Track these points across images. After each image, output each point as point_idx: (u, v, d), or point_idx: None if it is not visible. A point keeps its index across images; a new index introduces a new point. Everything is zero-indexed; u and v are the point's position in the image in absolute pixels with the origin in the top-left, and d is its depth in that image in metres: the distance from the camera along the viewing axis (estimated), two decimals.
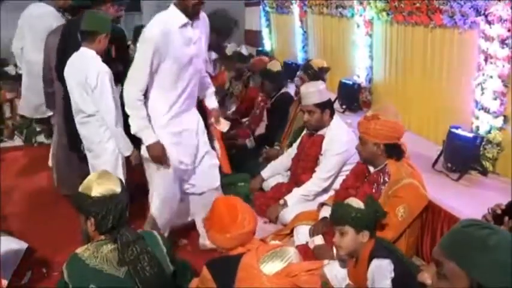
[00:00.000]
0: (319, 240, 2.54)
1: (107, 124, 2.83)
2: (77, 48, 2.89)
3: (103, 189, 1.78)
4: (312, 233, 2.60)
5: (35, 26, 4.38)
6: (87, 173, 2.27)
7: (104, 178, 1.83)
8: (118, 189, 1.81)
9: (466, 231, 1.10)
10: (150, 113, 2.57)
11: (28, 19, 4.61)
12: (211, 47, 3.38)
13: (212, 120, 2.91)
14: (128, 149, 2.83)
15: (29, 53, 4.57)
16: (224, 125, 2.94)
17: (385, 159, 2.39)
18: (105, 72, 2.77)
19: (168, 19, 2.48)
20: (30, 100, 4.73)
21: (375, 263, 1.93)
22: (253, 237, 1.88)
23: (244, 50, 7.22)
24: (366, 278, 1.97)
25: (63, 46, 3.25)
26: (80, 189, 1.82)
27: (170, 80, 2.53)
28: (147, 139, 2.53)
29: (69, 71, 2.93)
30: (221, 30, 3.37)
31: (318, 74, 3.49)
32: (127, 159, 2.95)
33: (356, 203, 2.06)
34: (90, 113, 2.90)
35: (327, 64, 3.79)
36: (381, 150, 2.37)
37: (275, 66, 4.12)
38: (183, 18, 2.47)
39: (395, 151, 2.38)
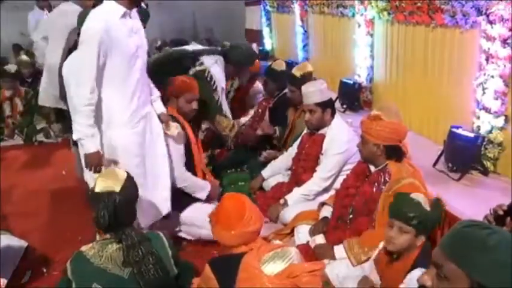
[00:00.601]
0: (320, 239, 2.53)
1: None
2: None
3: (102, 186, 1.80)
4: (312, 232, 2.59)
5: (59, 23, 4.40)
6: None
7: (107, 175, 1.85)
8: (116, 188, 1.80)
9: (465, 232, 1.10)
10: (107, 113, 2.49)
11: (55, 15, 4.65)
12: (227, 77, 3.40)
13: (163, 125, 2.85)
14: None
15: (51, 48, 4.58)
16: (174, 129, 2.88)
17: (385, 159, 2.38)
18: None
19: (107, 13, 2.40)
20: (51, 92, 4.72)
21: (419, 273, 1.84)
22: (257, 236, 1.86)
23: (255, 48, 7.25)
24: (401, 279, 1.90)
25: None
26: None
27: (121, 75, 2.46)
28: (90, 148, 2.42)
29: (68, 68, 2.95)
30: (238, 63, 3.39)
31: (302, 81, 3.45)
32: None
33: (423, 200, 1.93)
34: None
35: (328, 64, 3.78)
36: (381, 151, 2.36)
37: (279, 65, 4.07)
38: (121, 9, 2.41)
39: (395, 153, 2.37)
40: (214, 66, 3.31)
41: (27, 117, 5.59)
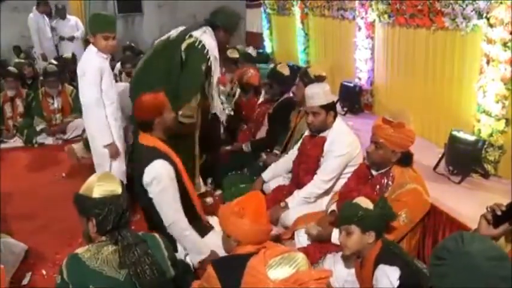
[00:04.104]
0: (314, 229, 2.56)
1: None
2: None
3: (103, 190, 1.78)
4: (318, 224, 2.64)
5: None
6: None
7: (104, 179, 1.83)
8: (119, 191, 1.81)
9: (439, 244, 1.29)
10: None
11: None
12: (219, 44, 3.35)
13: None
14: (106, 140, 3.14)
15: None
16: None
17: (393, 164, 2.37)
18: (93, 66, 3.05)
19: None
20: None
21: (381, 268, 1.90)
22: (268, 239, 1.92)
23: (252, 51, 7.22)
24: (370, 280, 1.96)
25: None
26: (81, 191, 1.82)
27: None
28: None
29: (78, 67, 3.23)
30: (227, 25, 3.36)
31: (313, 82, 3.44)
32: None
33: (364, 202, 2.05)
34: (85, 103, 3.17)
35: (328, 67, 3.76)
36: (396, 158, 2.35)
37: (285, 69, 4.00)
38: None
39: (407, 159, 2.38)
40: (204, 36, 3.25)
41: (27, 119, 5.59)
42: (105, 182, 1.81)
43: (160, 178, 2.39)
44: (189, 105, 3.21)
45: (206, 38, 3.24)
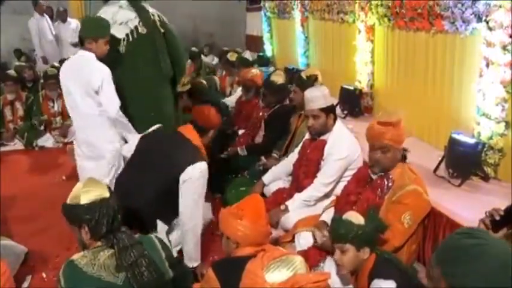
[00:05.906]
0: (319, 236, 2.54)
1: (109, 116, 3.00)
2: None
3: (91, 195, 1.78)
4: (317, 235, 2.59)
5: None
6: None
7: (90, 186, 1.84)
8: (106, 194, 1.81)
9: (453, 240, 1.18)
10: None
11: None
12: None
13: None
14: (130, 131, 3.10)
15: None
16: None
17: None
18: (108, 74, 2.94)
19: None
20: None
21: (376, 283, 1.88)
22: (268, 239, 1.94)
23: (248, 55, 7.22)
24: None
25: None
26: (68, 201, 1.82)
27: None
28: None
29: (67, 74, 3.06)
30: None
31: (307, 84, 3.44)
32: None
33: (356, 218, 2.01)
34: (90, 113, 3.01)
35: (328, 70, 3.75)
36: (401, 154, 2.37)
37: (279, 78, 3.96)
38: None
39: (404, 155, 2.40)
40: (153, 9, 3.42)
41: (27, 122, 5.59)
42: (91, 188, 1.82)
43: (200, 180, 2.48)
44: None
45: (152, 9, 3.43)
